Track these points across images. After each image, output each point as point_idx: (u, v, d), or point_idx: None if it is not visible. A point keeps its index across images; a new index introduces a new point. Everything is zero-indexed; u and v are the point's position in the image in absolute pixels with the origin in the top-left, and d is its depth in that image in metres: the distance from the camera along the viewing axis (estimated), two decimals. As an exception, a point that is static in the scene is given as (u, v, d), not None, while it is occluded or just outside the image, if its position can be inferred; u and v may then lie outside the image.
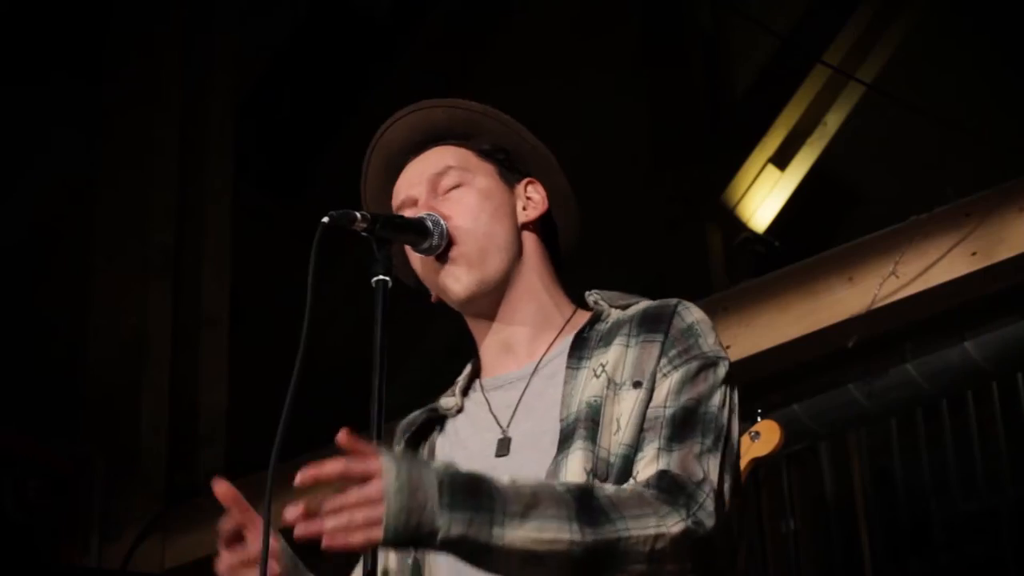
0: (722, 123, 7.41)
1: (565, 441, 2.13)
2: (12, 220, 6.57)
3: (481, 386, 2.30)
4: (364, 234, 2.15)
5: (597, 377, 2.16)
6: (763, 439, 3.00)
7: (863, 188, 7.83)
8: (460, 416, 2.30)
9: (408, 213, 2.29)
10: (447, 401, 2.32)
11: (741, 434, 2.92)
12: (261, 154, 7.16)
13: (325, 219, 2.12)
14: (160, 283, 5.79)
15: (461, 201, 2.27)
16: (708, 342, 2.19)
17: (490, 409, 2.25)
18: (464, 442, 2.25)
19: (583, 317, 2.31)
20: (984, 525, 4.67)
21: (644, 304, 2.26)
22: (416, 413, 2.37)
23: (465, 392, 2.32)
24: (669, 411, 2.10)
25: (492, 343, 2.31)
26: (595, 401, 2.13)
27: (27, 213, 6.64)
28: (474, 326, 2.33)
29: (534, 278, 2.30)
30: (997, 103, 7.14)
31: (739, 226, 7.25)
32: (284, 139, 7.42)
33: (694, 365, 2.15)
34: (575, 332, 2.26)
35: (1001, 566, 4.63)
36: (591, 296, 2.33)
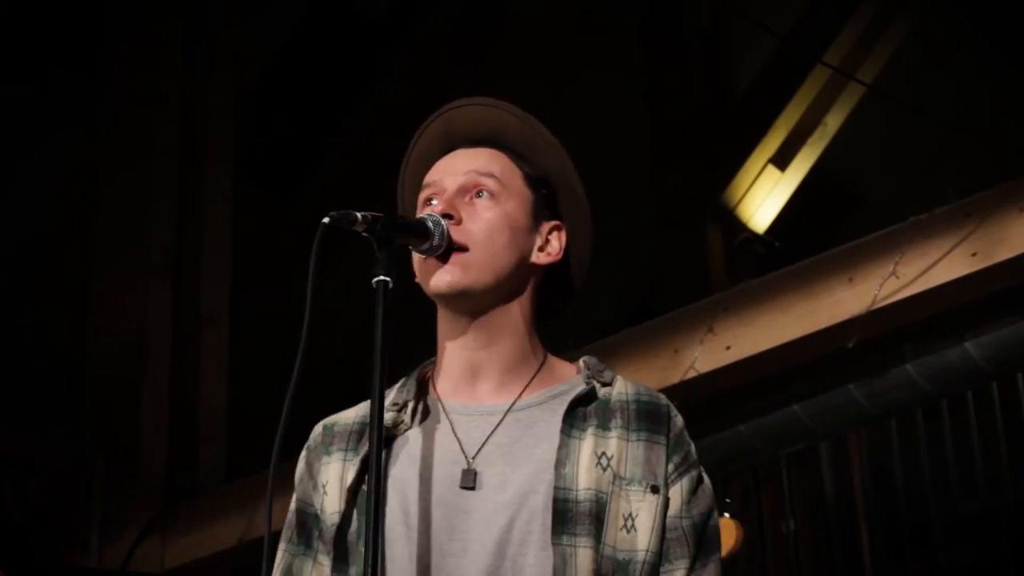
0: (722, 123, 7.41)
1: (564, 522, 2.10)
2: (12, 220, 6.58)
3: (443, 407, 2.23)
4: (364, 235, 2.14)
5: (603, 469, 2.14)
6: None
7: (863, 188, 7.83)
8: (413, 435, 2.21)
9: (431, 197, 2.27)
10: (395, 418, 2.22)
11: None
12: (261, 154, 7.17)
13: (326, 219, 2.11)
14: (160, 283, 5.79)
15: (484, 214, 2.24)
16: (694, 449, 2.27)
17: (455, 434, 2.19)
18: (425, 466, 2.17)
19: (554, 369, 2.28)
20: (984, 525, 4.67)
21: (630, 388, 2.26)
22: (346, 419, 2.27)
23: (415, 411, 2.23)
24: (687, 523, 2.18)
25: (460, 360, 2.25)
26: (602, 497, 2.13)
27: (27, 213, 6.64)
28: (448, 334, 2.27)
29: (520, 317, 2.26)
30: (997, 103, 7.15)
31: (739, 226, 7.26)
32: (284, 139, 7.42)
33: (695, 475, 2.23)
34: (558, 386, 2.24)
35: (1001, 566, 4.63)
36: (583, 364, 2.29)
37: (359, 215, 2.12)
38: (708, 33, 7.58)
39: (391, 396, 2.25)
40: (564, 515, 2.10)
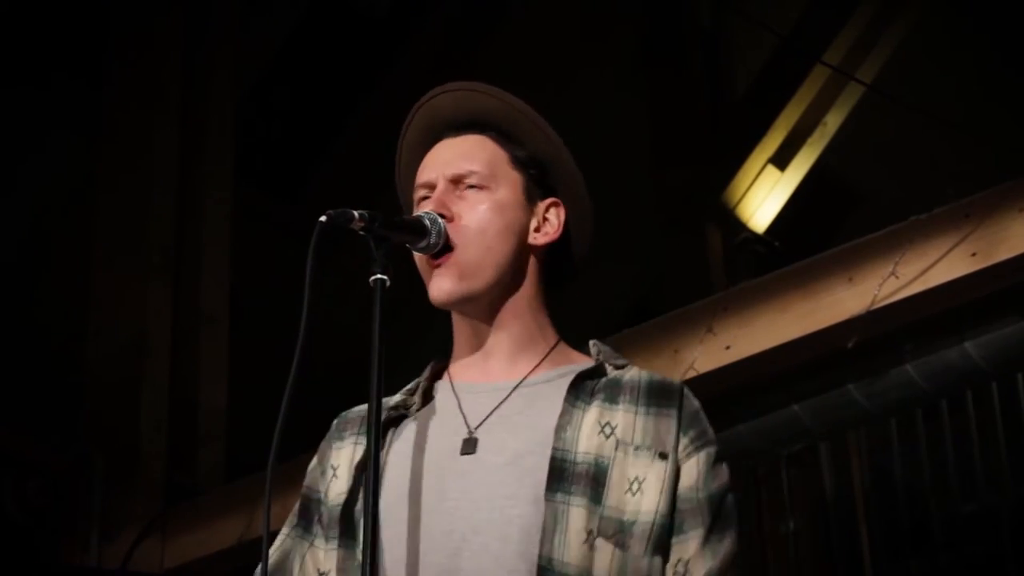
0: (722, 123, 7.41)
1: (560, 480, 2.11)
2: (12, 220, 6.58)
3: (452, 386, 2.28)
4: (362, 233, 2.15)
5: (605, 436, 2.16)
6: None
7: (863, 188, 7.84)
8: (421, 415, 2.26)
9: (425, 195, 2.28)
10: (405, 400, 2.28)
11: None
12: (261, 154, 7.17)
13: (323, 218, 2.12)
14: (160, 283, 5.79)
15: (475, 207, 2.26)
16: (712, 433, 2.27)
17: (460, 409, 2.23)
18: (428, 439, 2.21)
19: (567, 353, 2.31)
20: (984, 525, 4.66)
21: (644, 373, 2.28)
22: (359, 409, 2.31)
23: (426, 392, 2.29)
24: (703, 495, 2.18)
25: (471, 343, 2.30)
26: (602, 461, 2.14)
27: (27, 213, 6.64)
28: (457, 323, 2.32)
29: (524, 300, 2.29)
30: (997, 103, 7.15)
31: (739, 226, 7.27)
32: (284, 139, 7.42)
33: (712, 451, 2.23)
34: (569, 366, 2.26)
35: (1001, 566, 4.62)
36: (594, 347, 2.32)
37: (356, 213, 2.13)
38: (708, 33, 7.59)
39: (408, 387, 2.31)
40: (560, 473, 2.12)
